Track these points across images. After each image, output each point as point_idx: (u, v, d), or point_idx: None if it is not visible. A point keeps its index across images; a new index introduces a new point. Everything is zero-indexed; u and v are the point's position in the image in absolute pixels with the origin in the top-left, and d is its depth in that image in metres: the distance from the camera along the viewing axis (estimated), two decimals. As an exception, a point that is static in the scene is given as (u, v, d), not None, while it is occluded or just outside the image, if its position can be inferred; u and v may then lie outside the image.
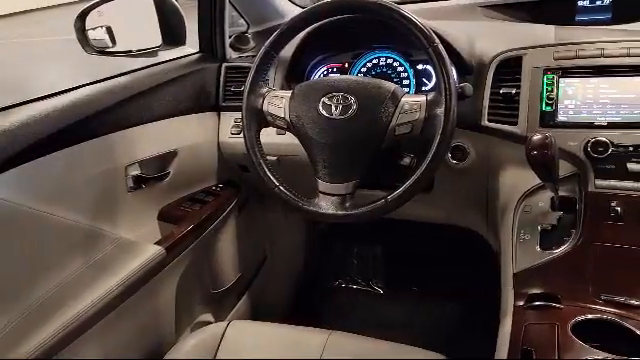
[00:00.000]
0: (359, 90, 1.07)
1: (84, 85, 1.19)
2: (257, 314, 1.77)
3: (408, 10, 1.03)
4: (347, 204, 1.05)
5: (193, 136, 1.45)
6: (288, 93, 1.13)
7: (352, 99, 1.05)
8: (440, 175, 1.28)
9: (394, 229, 1.89)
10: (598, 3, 1.34)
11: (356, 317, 1.94)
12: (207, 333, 1.15)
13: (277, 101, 1.12)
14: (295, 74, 1.43)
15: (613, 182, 1.02)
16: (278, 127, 1.14)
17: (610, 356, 0.80)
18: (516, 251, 1.06)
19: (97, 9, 1.27)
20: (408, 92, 1.32)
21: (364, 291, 2.01)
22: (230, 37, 1.60)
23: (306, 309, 1.99)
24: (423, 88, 1.37)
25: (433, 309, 1.86)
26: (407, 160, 1.13)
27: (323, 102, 1.07)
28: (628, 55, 1.07)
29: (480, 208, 1.34)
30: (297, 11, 1.14)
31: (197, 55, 1.55)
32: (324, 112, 1.06)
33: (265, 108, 1.13)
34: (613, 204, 1.00)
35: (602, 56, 1.10)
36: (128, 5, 1.35)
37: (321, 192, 1.07)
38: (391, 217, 1.12)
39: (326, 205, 1.06)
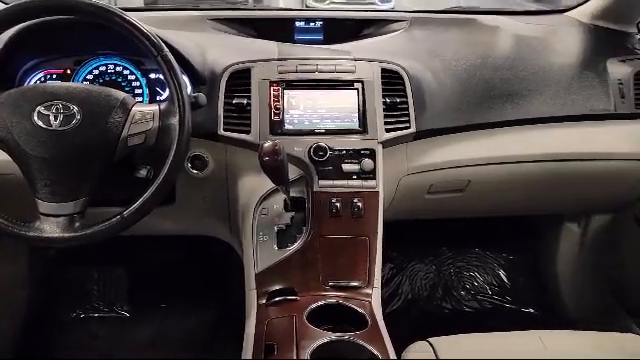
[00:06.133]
0: (83, 98, 0.99)
1: None
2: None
3: (135, 17, 0.99)
4: (76, 224, 0.96)
5: None
6: None
7: (75, 108, 0.97)
8: (181, 186, 1.28)
9: (138, 246, 1.79)
10: (312, 25, 1.52)
11: (100, 348, 1.76)
12: None
13: None
14: (2, 80, 1.22)
15: (332, 182, 1.16)
16: (-20, 141, 0.97)
17: (338, 335, 0.91)
18: (257, 253, 1.12)
19: None
20: (142, 101, 1.28)
21: (108, 318, 1.84)
22: None
23: (37, 351, 1.72)
24: (158, 98, 1.34)
25: (184, 322, 1.82)
26: (144, 172, 1.08)
27: (39, 112, 0.96)
28: (335, 71, 1.25)
29: (223, 215, 1.37)
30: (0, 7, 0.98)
31: None
32: (40, 123, 0.95)
33: None
34: (333, 201, 1.14)
35: (317, 71, 1.25)
36: None
37: (43, 214, 0.95)
38: (133, 233, 1.06)
39: (50, 228, 0.95)
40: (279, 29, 1.49)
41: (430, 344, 1.01)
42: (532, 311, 1.92)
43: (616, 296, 1.69)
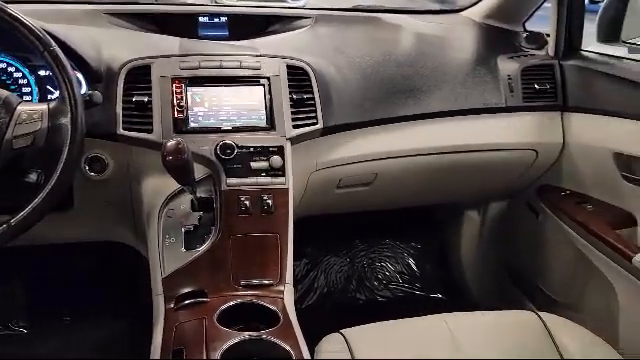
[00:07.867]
0: None
1: None
2: None
3: (19, 10, 0.93)
4: (-47, 237, 0.87)
5: None
6: None
7: None
8: (80, 190, 1.21)
9: (36, 255, 1.66)
10: (216, 20, 1.48)
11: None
12: None
13: None
14: None
15: (240, 179, 1.14)
16: None
17: (249, 334, 0.90)
18: (163, 256, 1.08)
19: None
20: (31, 101, 1.19)
21: (2, 336, 1.70)
22: None
23: None
24: (50, 97, 1.25)
25: (91, 334, 1.72)
26: (33, 176, 1.00)
27: None
28: (241, 67, 1.23)
29: (127, 219, 1.31)
30: None
31: None
32: None
33: None
34: (242, 199, 1.12)
35: (221, 67, 1.23)
36: None
37: None
38: (27, 243, 0.98)
39: None
40: (182, 24, 1.44)
41: (342, 335, 1.03)
42: (440, 296, 2.02)
43: (513, 277, 1.83)
